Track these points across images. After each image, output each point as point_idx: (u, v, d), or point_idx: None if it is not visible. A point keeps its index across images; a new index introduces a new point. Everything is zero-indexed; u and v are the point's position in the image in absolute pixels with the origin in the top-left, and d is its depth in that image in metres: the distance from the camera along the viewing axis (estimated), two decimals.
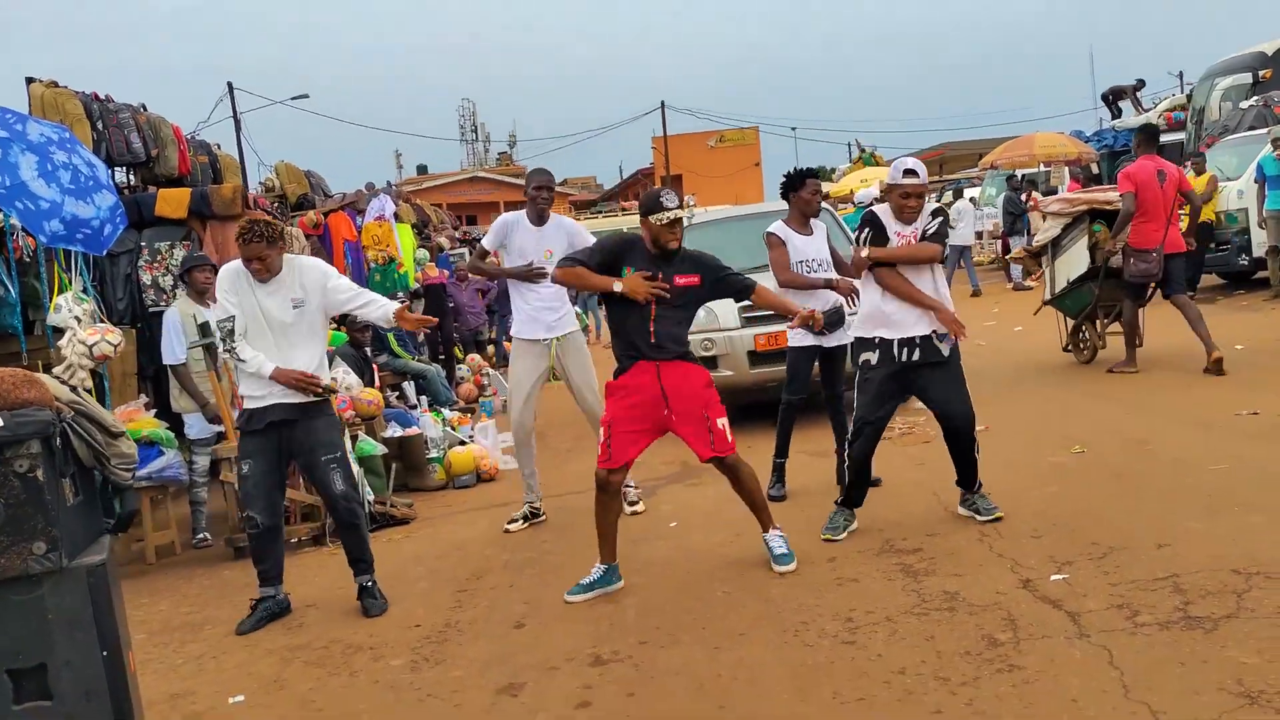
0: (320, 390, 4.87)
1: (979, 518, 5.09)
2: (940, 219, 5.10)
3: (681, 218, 4.70)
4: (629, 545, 5.49)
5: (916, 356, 5.00)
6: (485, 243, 6.52)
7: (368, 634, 4.60)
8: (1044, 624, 3.77)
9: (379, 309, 4.92)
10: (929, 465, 6.39)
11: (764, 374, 7.83)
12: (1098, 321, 9.31)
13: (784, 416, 6.08)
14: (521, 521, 6.10)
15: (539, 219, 6.08)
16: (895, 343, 5.01)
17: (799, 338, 5.97)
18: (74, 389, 3.51)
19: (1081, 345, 9.49)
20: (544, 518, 6.18)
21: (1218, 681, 3.16)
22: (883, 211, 5.14)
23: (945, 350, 5.03)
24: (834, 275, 6.03)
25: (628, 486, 5.79)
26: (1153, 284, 8.54)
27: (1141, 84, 22.28)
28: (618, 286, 4.62)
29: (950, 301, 5.11)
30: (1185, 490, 5.17)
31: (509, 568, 5.38)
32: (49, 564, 3.01)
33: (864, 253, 5.06)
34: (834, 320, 5.63)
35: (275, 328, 4.83)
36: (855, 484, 5.23)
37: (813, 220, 6.18)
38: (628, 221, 28.89)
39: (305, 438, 4.87)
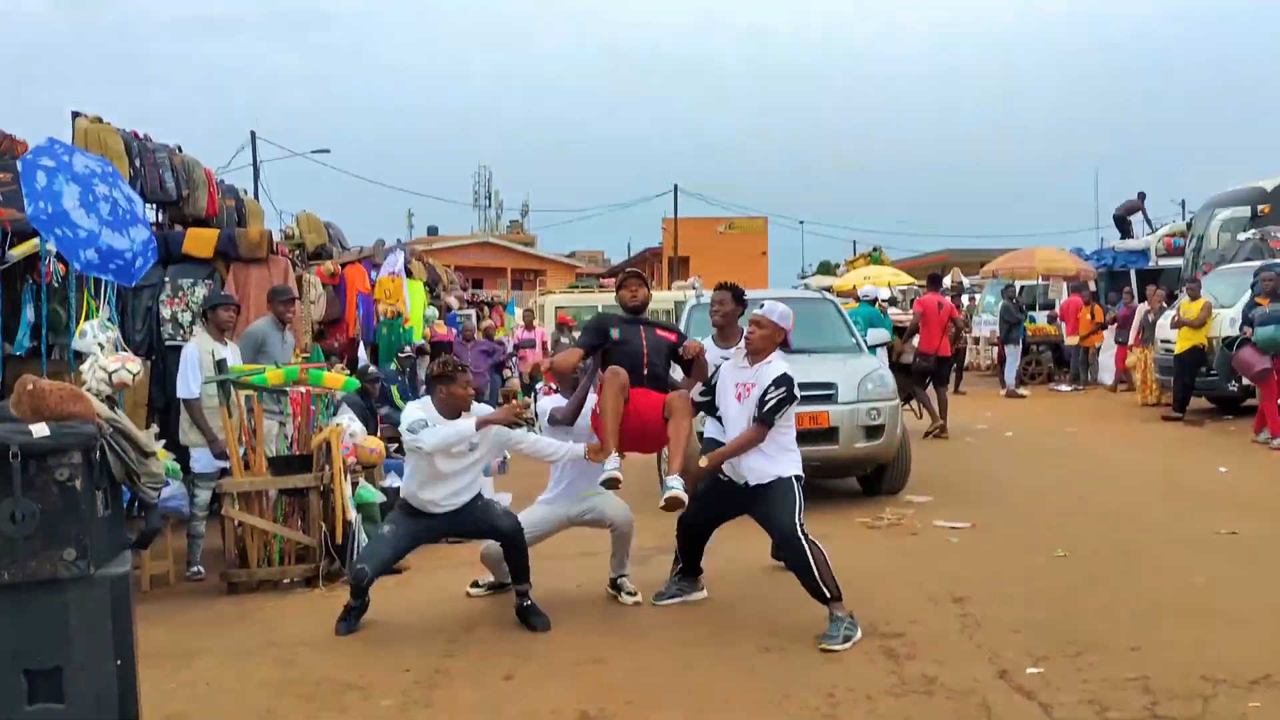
0: (521, 418, 5.50)
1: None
2: (783, 389, 5.07)
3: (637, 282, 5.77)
4: (619, 609, 5.62)
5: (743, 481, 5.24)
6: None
7: (359, 674, 4.70)
8: (1018, 713, 3.91)
9: (529, 446, 5.60)
10: (914, 555, 6.55)
11: None
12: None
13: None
14: (485, 590, 6.11)
15: None
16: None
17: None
18: (112, 407, 3.69)
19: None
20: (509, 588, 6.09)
21: None
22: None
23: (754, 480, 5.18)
24: None
25: (624, 576, 5.89)
26: (929, 376, 12.24)
27: (1143, 196, 22.92)
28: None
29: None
30: (1161, 599, 5.33)
31: (500, 622, 5.48)
32: (77, 571, 3.17)
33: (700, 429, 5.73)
34: None
35: (452, 456, 5.36)
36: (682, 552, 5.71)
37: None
38: (604, 298, 29.27)
39: (461, 519, 5.51)
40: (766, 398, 5.06)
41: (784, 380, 5.11)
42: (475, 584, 6.14)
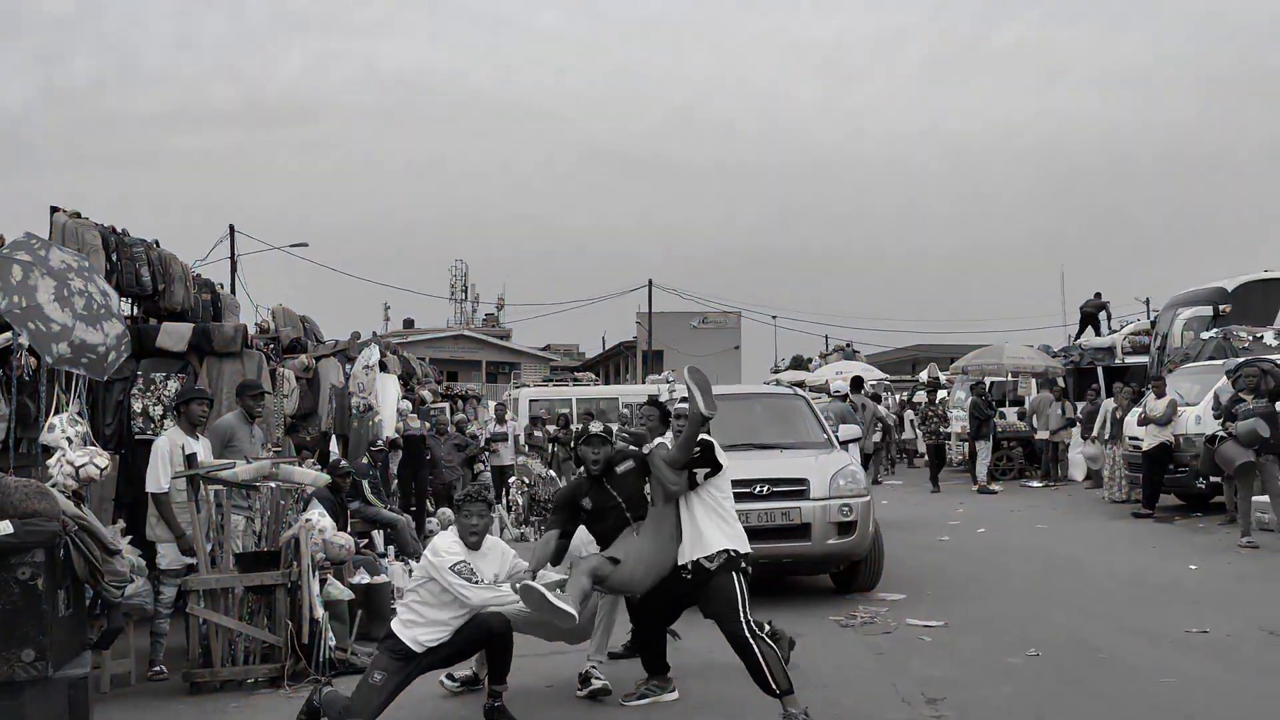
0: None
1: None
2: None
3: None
4: (586, 712, 5.54)
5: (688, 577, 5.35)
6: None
7: None
8: None
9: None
10: (887, 654, 6.51)
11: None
12: None
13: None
14: (459, 685, 6.02)
15: None
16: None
17: None
18: (79, 503, 3.67)
19: None
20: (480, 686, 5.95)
21: None
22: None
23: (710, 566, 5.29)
24: None
25: (594, 665, 5.84)
26: None
27: (1099, 295, 23.63)
28: None
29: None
30: (1132, 699, 5.32)
31: None
32: (35, 672, 3.11)
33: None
34: None
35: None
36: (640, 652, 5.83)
37: None
38: (578, 392, 29.29)
39: (455, 642, 5.31)
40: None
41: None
42: (450, 677, 6.02)
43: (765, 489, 8.20)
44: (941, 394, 18.00)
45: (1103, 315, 23.58)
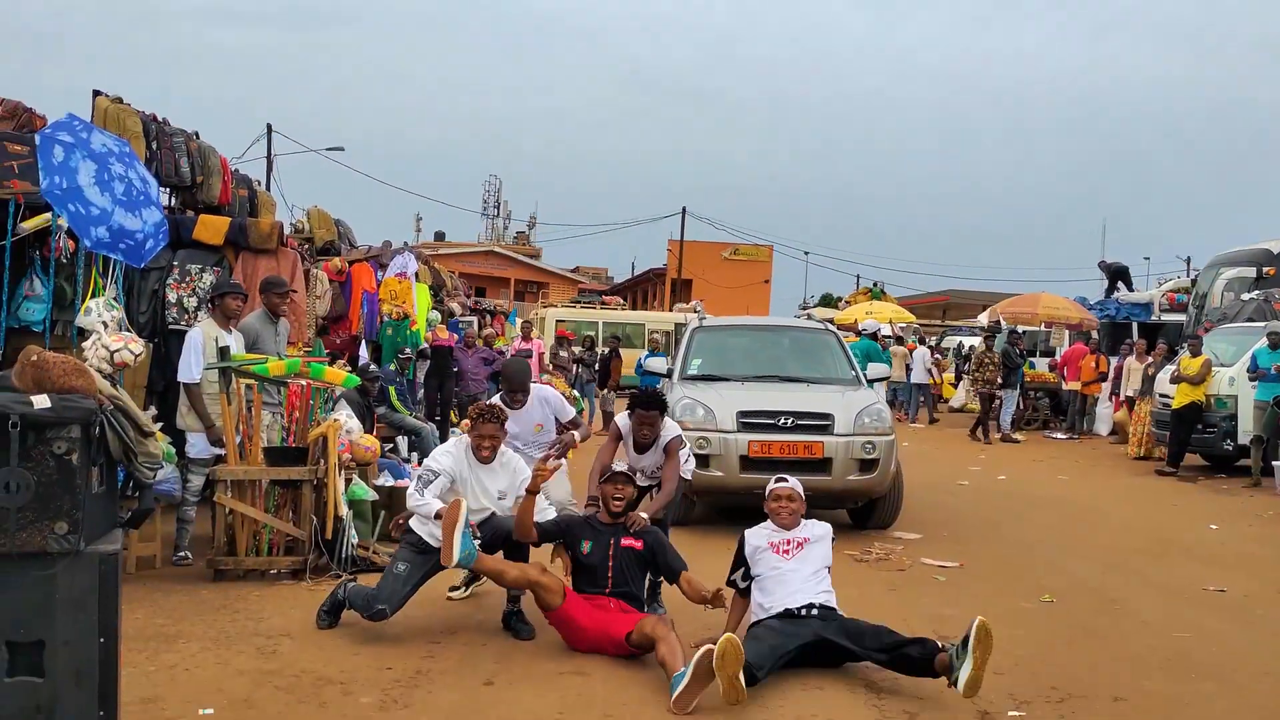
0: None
1: None
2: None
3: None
4: None
5: None
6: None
7: (339, 669, 4.68)
8: None
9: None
10: (900, 591, 6.54)
11: (753, 479, 7.99)
12: None
13: None
14: (464, 591, 6.14)
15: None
16: None
17: None
18: (113, 386, 3.69)
19: None
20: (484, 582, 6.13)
21: None
22: (755, 538, 5.29)
23: None
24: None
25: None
26: None
27: (1123, 265, 22.88)
28: None
29: None
30: (1146, 651, 5.33)
31: (482, 628, 5.47)
32: (67, 545, 3.15)
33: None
34: None
35: (484, 505, 5.39)
36: None
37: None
38: (605, 315, 29.33)
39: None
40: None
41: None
42: (453, 588, 6.13)
43: (789, 421, 8.20)
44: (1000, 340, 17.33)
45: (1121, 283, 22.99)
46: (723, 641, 4.21)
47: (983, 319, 19.80)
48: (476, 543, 4.96)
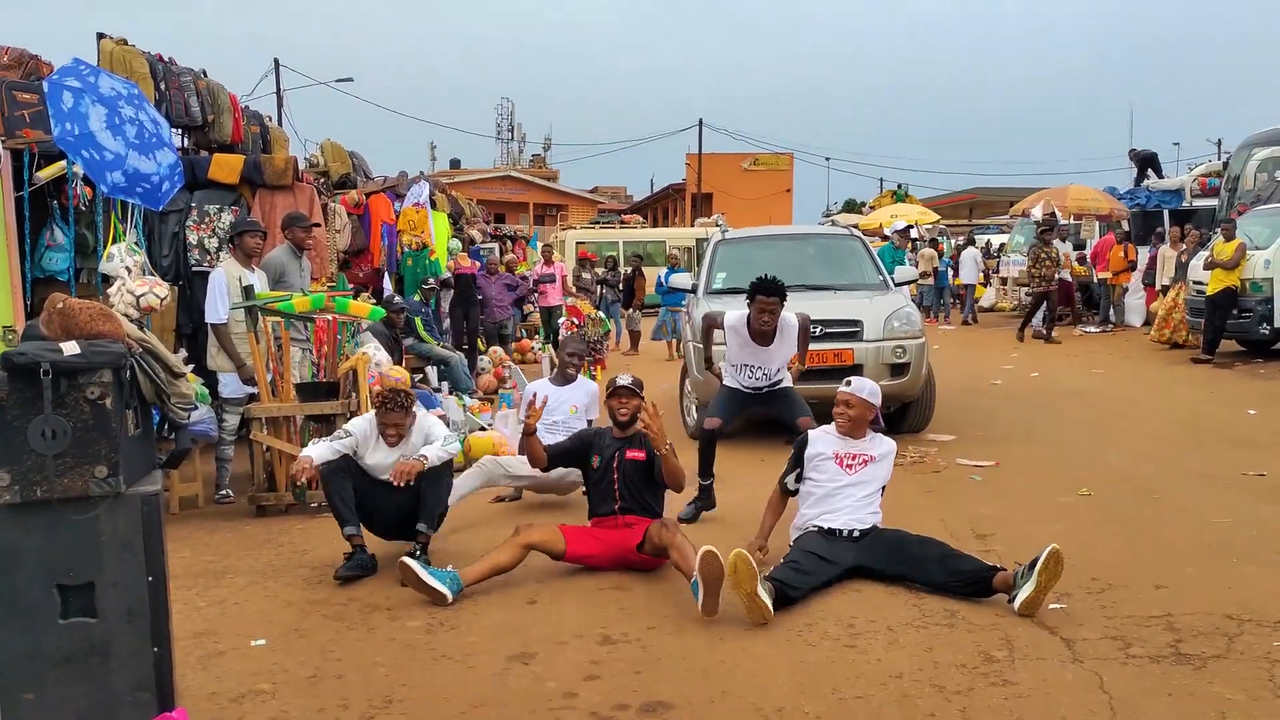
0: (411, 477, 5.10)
1: None
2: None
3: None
4: None
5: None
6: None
7: (385, 596, 4.76)
8: (1039, 647, 3.92)
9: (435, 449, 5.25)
10: (937, 492, 6.55)
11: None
12: None
13: (706, 442, 6.24)
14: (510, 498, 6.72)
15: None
16: None
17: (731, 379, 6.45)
18: (141, 328, 3.70)
19: None
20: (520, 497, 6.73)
21: (1202, 713, 3.30)
22: (821, 440, 5.11)
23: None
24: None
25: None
26: None
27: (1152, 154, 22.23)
28: None
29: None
30: (1186, 538, 5.31)
31: None
32: (108, 488, 3.18)
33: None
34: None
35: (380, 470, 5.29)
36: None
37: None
38: (625, 234, 29.20)
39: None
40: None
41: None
42: (498, 499, 6.75)
43: (818, 329, 8.13)
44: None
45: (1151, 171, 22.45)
46: (733, 557, 4.16)
47: (1046, 211, 19.12)
48: (449, 569, 4.85)
